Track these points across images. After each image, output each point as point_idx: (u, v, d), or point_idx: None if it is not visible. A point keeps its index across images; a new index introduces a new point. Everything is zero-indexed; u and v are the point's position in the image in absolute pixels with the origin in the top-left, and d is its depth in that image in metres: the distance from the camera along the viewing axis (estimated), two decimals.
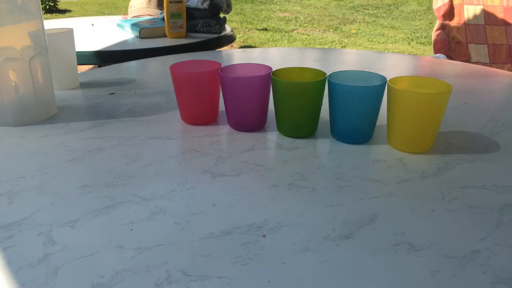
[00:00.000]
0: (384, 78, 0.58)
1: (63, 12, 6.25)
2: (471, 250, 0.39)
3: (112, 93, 0.81)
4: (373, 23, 5.48)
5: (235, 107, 0.62)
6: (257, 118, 0.63)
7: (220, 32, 1.59)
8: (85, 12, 6.15)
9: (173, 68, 0.64)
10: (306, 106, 0.59)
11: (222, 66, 0.64)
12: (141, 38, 1.47)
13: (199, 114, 0.66)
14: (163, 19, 1.56)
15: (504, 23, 1.86)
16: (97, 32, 1.60)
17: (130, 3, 1.93)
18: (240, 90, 0.60)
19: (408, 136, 0.56)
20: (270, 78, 0.60)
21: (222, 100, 0.64)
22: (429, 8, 6.38)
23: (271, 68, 0.62)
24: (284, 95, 0.58)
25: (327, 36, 4.76)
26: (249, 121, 0.63)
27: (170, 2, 1.44)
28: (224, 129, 0.64)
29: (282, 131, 0.62)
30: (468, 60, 1.87)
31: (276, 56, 1.18)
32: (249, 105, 0.61)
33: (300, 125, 0.60)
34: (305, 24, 5.45)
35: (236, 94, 0.60)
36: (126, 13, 2.03)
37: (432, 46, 2.00)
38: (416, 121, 0.54)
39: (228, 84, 0.60)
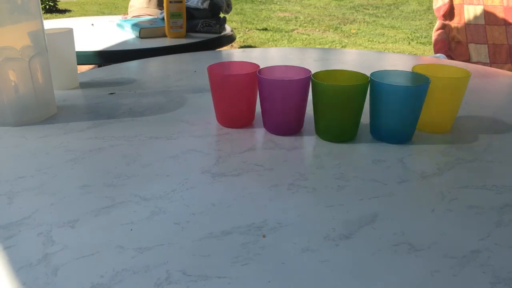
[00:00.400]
0: (427, 78, 0.58)
1: (63, 12, 6.25)
2: (471, 250, 0.39)
3: (112, 93, 0.81)
4: (373, 23, 5.48)
5: (274, 110, 0.60)
6: (295, 122, 0.62)
7: (220, 32, 1.59)
8: (85, 12, 6.15)
9: (211, 69, 0.63)
10: (351, 109, 0.58)
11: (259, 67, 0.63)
12: (141, 38, 1.47)
13: (236, 116, 0.64)
14: (163, 19, 1.56)
15: (504, 23, 1.86)
16: (97, 32, 1.60)
17: (130, 3, 1.93)
18: (279, 92, 0.58)
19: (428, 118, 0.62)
20: (309, 80, 0.59)
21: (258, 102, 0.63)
22: (429, 8, 6.38)
23: (310, 71, 0.61)
24: (329, 99, 0.57)
25: (327, 36, 4.76)
26: (287, 125, 0.61)
27: (170, 2, 1.44)
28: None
29: (323, 136, 0.61)
30: (468, 60, 1.87)
31: (276, 56, 1.18)
32: (289, 108, 0.60)
33: (343, 129, 0.60)
34: (305, 24, 5.45)
35: (276, 96, 0.59)
36: (126, 13, 2.03)
37: (432, 46, 2.00)
38: (437, 104, 0.61)
39: (267, 86, 0.58)
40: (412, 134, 0.60)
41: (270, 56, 1.19)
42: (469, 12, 1.90)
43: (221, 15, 1.66)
